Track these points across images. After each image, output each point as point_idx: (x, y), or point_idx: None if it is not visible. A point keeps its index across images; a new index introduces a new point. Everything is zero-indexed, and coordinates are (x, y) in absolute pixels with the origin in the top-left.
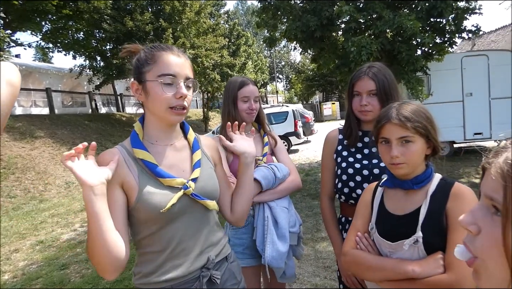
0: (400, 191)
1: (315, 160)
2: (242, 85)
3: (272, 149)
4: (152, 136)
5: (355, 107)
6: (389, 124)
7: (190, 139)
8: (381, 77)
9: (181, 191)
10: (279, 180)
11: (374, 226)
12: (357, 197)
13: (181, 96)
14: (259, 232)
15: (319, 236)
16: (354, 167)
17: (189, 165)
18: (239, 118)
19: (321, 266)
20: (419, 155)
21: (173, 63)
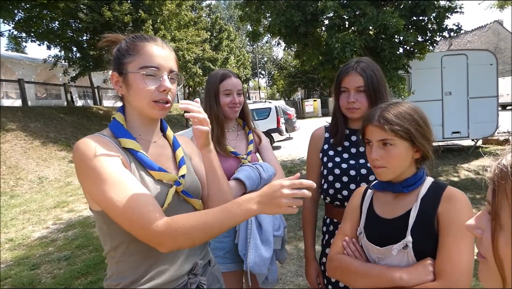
0: (390, 194)
1: (298, 156)
2: (224, 78)
3: (257, 147)
4: (134, 130)
5: (342, 104)
6: (370, 125)
7: (169, 137)
8: (370, 72)
9: (173, 188)
10: (264, 180)
11: (362, 231)
12: (342, 198)
13: (164, 90)
14: (242, 236)
15: (302, 234)
16: (340, 167)
17: (172, 163)
18: (222, 113)
19: (304, 266)
20: (402, 159)
21: (156, 55)
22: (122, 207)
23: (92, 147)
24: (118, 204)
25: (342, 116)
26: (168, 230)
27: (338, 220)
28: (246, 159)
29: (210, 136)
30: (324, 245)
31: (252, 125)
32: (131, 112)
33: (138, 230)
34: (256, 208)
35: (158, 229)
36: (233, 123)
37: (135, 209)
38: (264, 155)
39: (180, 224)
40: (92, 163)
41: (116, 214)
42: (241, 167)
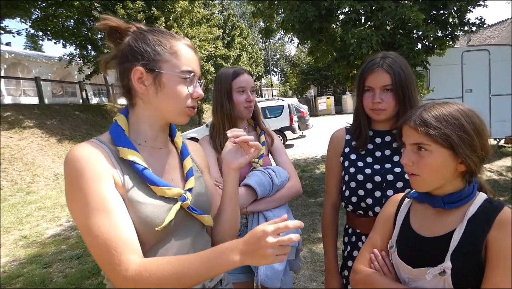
0: (431, 208)
1: (311, 155)
2: (236, 74)
3: (269, 149)
4: (140, 135)
5: (367, 104)
6: (406, 126)
7: (178, 144)
8: (397, 69)
9: (178, 204)
10: (276, 186)
11: (394, 245)
12: (366, 207)
13: (198, 97)
14: None
15: (316, 236)
16: (364, 173)
17: (179, 173)
18: (235, 113)
19: (318, 270)
20: (438, 169)
21: (193, 59)
22: (97, 240)
23: (82, 162)
24: (94, 235)
25: (365, 117)
26: (138, 277)
27: (362, 231)
28: (258, 163)
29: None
30: (345, 257)
31: (264, 125)
32: (142, 114)
33: (107, 270)
34: (239, 259)
35: (127, 274)
36: (244, 123)
37: (110, 247)
38: (277, 157)
39: (152, 272)
40: (78, 182)
41: (90, 244)
42: (252, 172)
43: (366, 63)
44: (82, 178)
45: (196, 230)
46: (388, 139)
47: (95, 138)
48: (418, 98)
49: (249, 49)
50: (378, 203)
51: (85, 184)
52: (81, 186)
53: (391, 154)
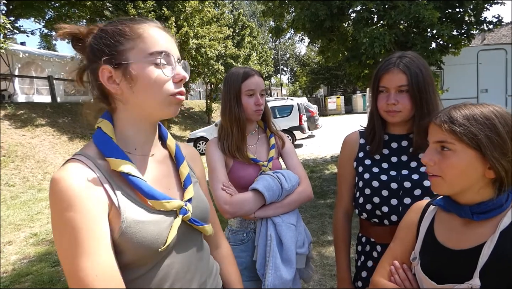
0: (458, 218)
1: (320, 155)
2: (246, 76)
3: (279, 152)
4: (129, 143)
5: (381, 105)
6: (432, 123)
7: (171, 148)
8: (415, 69)
9: (179, 217)
10: (286, 191)
11: (417, 256)
12: (382, 215)
13: (181, 80)
14: (261, 253)
15: (325, 239)
16: (379, 179)
17: (175, 181)
18: (244, 116)
19: (327, 274)
20: (463, 171)
21: (164, 37)
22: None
23: (68, 191)
24: (77, 276)
25: (380, 119)
26: None
27: (376, 240)
28: (267, 166)
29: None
30: (359, 267)
31: (274, 127)
32: (125, 118)
33: None
34: None
35: None
36: (254, 126)
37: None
38: (288, 160)
39: None
40: (64, 215)
41: (71, 283)
42: (261, 176)
43: (382, 62)
44: (68, 210)
45: (198, 241)
46: (404, 144)
47: (80, 153)
48: (439, 101)
49: (259, 49)
50: (395, 211)
51: (71, 219)
52: (66, 221)
53: (408, 160)
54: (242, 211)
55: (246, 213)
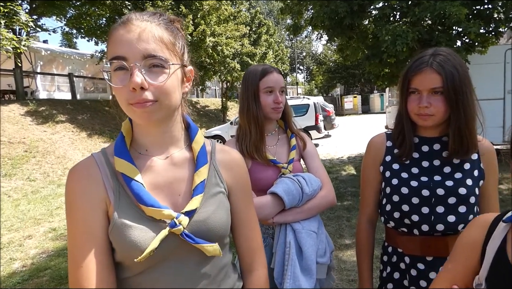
0: None
1: (336, 156)
2: (265, 73)
3: (300, 154)
4: (141, 143)
5: (412, 108)
6: None
7: (195, 150)
8: (450, 69)
9: (166, 230)
10: (307, 196)
11: (483, 283)
12: (411, 224)
13: (134, 88)
14: (279, 261)
15: (343, 242)
16: (409, 186)
17: (189, 187)
18: (262, 115)
19: (345, 279)
20: None
21: (122, 40)
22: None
23: (74, 186)
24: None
25: (410, 122)
26: None
27: (404, 251)
28: (287, 168)
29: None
30: (384, 278)
31: (295, 127)
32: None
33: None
34: None
35: None
36: (274, 125)
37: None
38: (309, 162)
39: None
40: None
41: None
42: (280, 179)
43: (413, 61)
44: (71, 204)
45: (197, 261)
46: (437, 148)
47: (100, 151)
48: (476, 102)
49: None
50: (426, 220)
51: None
52: (69, 213)
53: (440, 164)
54: (260, 215)
55: (264, 218)
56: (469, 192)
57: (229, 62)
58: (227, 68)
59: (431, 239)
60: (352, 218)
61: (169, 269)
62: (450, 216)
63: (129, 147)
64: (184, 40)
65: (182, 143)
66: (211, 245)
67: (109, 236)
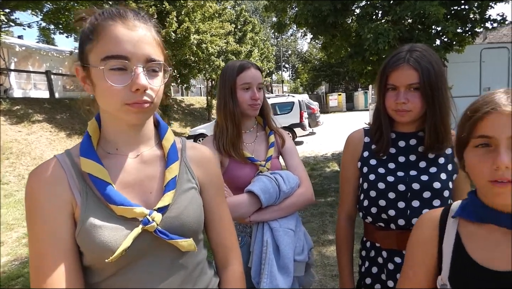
0: (495, 230)
1: (321, 153)
2: (242, 69)
3: (279, 151)
4: (109, 142)
5: (389, 104)
6: (496, 114)
7: (165, 147)
8: (426, 65)
9: (139, 227)
10: (284, 193)
11: (447, 284)
12: (388, 219)
13: (138, 89)
14: (256, 260)
15: (326, 238)
16: (386, 181)
17: (161, 184)
18: (239, 111)
19: (328, 275)
20: None
21: (123, 39)
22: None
23: (35, 189)
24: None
25: (387, 118)
26: None
27: (382, 245)
28: (265, 166)
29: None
30: (363, 273)
31: (274, 124)
32: (105, 117)
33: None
34: None
35: None
36: (252, 122)
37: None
38: (288, 160)
39: None
40: (30, 212)
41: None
42: (257, 177)
43: (390, 57)
44: (32, 209)
45: (172, 257)
46: (413, 143)
47: (64, 152)
48: (450, 98)
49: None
50: (402, 215)
51: (33, 218)
52: (29, 219)
53: (416, 159)
54: (237, 214)
55: (240, 217)
56: (443, 186)
57: (214, 60)
58: (212, 66)
59: (407, 233)
60: (335, 214)
61: (143, 268)
62: (425, 210)
63: (96, 147)
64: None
65: (152, 142)
66: (185, 241)
67: (76, 239)
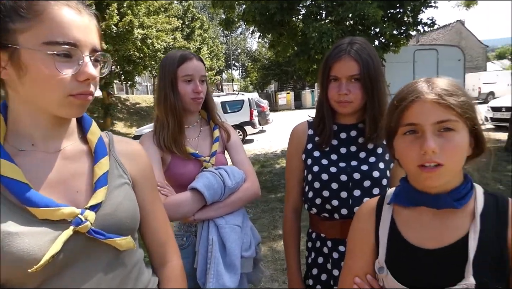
0: (426, 212)
1: (271, 150)
2: (183, 60)
3: (224, 146)
4: (23, 137)
5: (332, 96)
6: (420, 103)
7: (91, 141)
8: (366, 57)
9: (70, 229)
10: (229, 189)
11: (384, 266)
12: (332, 209)
13: (87, 79)
14: (201, 259)
15: (277, 233)
16: (329, 172)
17: (89, 181)
18: (180, 105)
19: (279, 269)
20: (463, 153)
21: (73, 24)
22: None
23: None
24: None
25: (330, 110)
26: None
27: (327, 235)
28: (209, 162)
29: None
30: (309, 264)
31: (219, 118)
32: (18, 109)
33: None
34: None
35: None
36: (195, 117)
37: None
38: (233, 155)
39: None
40: None
41: None
42: (201, 173)
43: (331, 49)
44: None
45: (108, 258)
46: (353, 134)
47: None
48: (387, 90)
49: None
50: (345, 204)
51: None
52: None
53: (357, 150)
54: (179, 214)
55: (184, 216)
56: (381, 175)
57: (161, 56)
58: (158, 63)
59: (350, 221)
60: None
61: (76, 274)
62: (366, 198)
63: (3, 143)
64: None
65: (75, 136)
66: (123, 238)
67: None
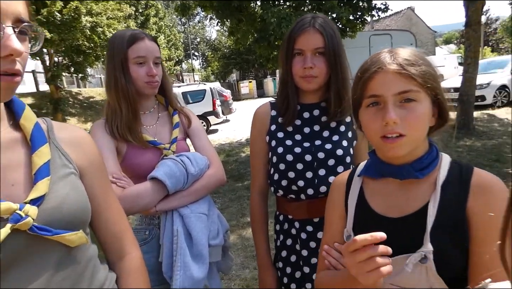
0: (391, 183)
1: (235, 139)
2: (134, 40)
3: (185, 132)
4: None
5: (296, 70)
6: (382, 73)
7: (26, 128)
8: (329, 31)
9: (7, 227)
10: (193, 176)
11: (352, 234)
12: (298, 190)
13: (11, 55)
14: (166, 252)
15: (245, 220)
16: (293, 152)
17: (28, 174)
18: (134, 90)
19: (249, 256)
20: (425, 123)
21: None
22: None
23: None
24: None
25: (294, 86)
26: None
27: (294, 216)
28: (170, 149)
29: None
30: (278, 247)
31: (178, 103)
32: None
33: None
34: None
35: None
36: (152, 102)
37: None
38: (196, 141)
39: None
40: None
41: None
42: (162, 162)
43: (294, 24)
44: None
45: (57, 256)
46: (316, 113)
47: None
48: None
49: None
50: (311, 184)
51: None
52: None
53: (320, 129)
54: (139, 206)
55: (144, 208)
56: (345, 153)
57: None
58: None
59: (316, 201)
60: None
61: (20, 275)
62: (331, 177)
63: None
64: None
65: (5, 122)
66: (74, 234)
67: None
